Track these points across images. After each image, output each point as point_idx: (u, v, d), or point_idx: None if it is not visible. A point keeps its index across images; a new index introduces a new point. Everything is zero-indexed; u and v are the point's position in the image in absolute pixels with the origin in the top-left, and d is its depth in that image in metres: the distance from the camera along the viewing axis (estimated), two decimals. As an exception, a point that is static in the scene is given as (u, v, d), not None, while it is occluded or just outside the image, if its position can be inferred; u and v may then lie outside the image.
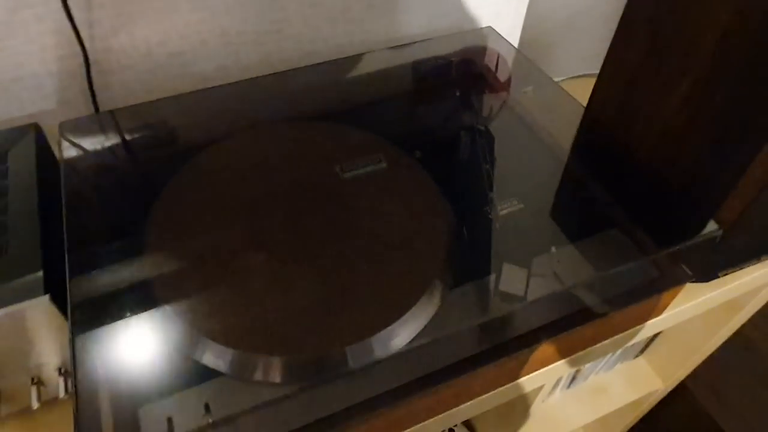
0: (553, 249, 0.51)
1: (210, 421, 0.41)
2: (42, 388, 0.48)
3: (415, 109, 0.67)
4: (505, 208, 0.57)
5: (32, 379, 0.48)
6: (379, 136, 0.61)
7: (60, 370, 0.49)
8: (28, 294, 0.43)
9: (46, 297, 0.43)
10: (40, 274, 0.45)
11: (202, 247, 0.50)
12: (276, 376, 0.44)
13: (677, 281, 0.53)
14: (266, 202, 0.54)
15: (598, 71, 0.59)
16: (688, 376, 0.93)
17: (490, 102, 0.64)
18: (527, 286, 0.45)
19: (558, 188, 0.59)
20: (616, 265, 0.52)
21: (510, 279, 0.46)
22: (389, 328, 0.45)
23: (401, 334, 0.46)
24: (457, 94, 0.63)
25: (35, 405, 0.47)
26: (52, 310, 0.44)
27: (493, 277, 0.50)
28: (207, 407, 0.43)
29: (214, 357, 0.44)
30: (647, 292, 0.53)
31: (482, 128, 0.58)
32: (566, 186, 0.60)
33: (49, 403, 0.50)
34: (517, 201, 0.58)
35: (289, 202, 0.54)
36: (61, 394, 0.48)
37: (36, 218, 0.49)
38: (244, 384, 0.44)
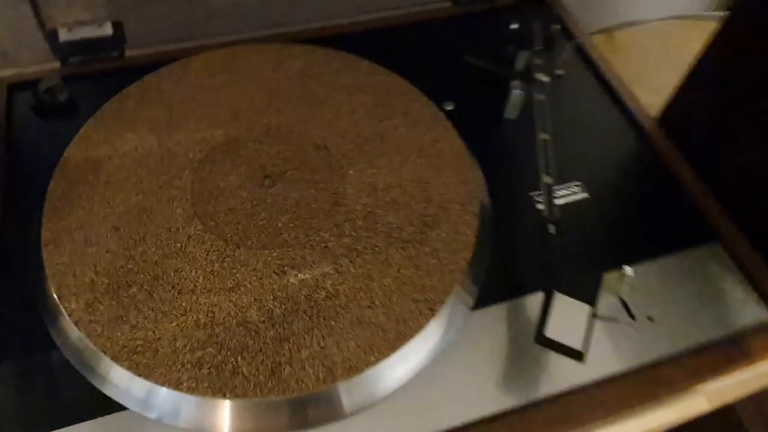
0: (627, 269, 0.35)
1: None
2: None
3: (449, 42, 0.49)
4: (562, 195, 0.40)
5: None
6: (394, 72, 0.44)
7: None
8: None
9: None
10: None
11: (119, 226, 0.35)
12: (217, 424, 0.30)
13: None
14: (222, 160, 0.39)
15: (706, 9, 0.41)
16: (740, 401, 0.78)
17: (557, 44, 0.46)
18: (587, 336, 0.30)
19: (638, 175, 0.43)
20: (718, 300, 0.36)
21: (560, 318, 0.30)
22: (377, 366, 0.31)
23: (395, 373, 0.31)
24: (513, 26, 0.45)
25: None
26: None
27: (533, 302, 0.35)
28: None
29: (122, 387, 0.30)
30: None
31: (545, 79, 0.41)
32: (651, 174, 0.43)
33: None
34: (581, 187, 0.41)
35: (256, 164, 0.39)
36: None
37: None
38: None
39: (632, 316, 0.35)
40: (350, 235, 0.35)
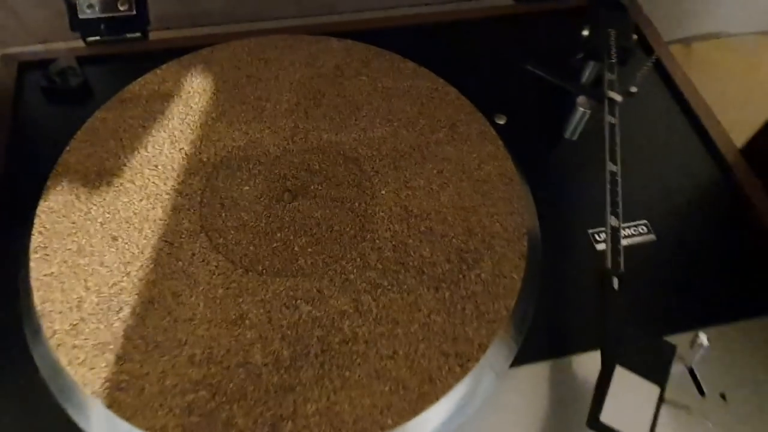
0: (702, 337, 0.29)
1: None
2: None
3: (508, 45, 0.44)
4: (626, 236, 0.34)
5: None
6: (442, 78, 0.38)
7: None
8: None
9: None
10: None
11: (117, 236, 0.31)
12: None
13: None
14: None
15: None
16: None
17: (634, 57, 0.40)
18: (653, 425, 0.24)
19: (716, 216, 0.36)
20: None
21: (621, 400, 0.24)
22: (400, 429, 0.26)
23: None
24: (584, 33, 0.39)
25: None
26: None
27: (585, 362, 0.29)
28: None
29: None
30: None
31: (617, 98, 0.35)
32: (731, 216, 0.37)
33: None
34: (648, 227, 0.35)
35: (277, 175, 0.34)
36: None
37: None
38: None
39: (701, 392, 0.30)
40: (376, 267, 0.30)
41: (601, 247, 0.34)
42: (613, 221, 0.31)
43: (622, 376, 0.25)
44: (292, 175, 0.34)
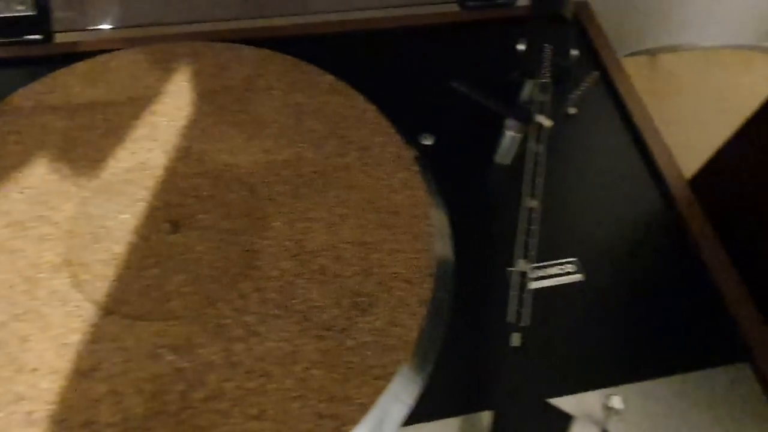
0: (615, 400, 0.26)
1: None
2: None
3: (446, 57, 0.40)
4: (551, 276, 0.31)
5: None
6: (364, 93, 0.35)
7: None
8: None
9: None
10: None
11: None
12: None
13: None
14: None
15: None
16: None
17: (575, 74, 0.36)
18: None
19: (655, 254, 0.33)
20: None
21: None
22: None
23: None
24: (520, 47, 0.35)
25: None
26: None
27: (485, 423, 0.26)
28: None
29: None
30: None
31: (546, 123, 0.32)
32: (671, 255, 0.33)
33: None
34: (576, 266, 0.32)
35: (161, 201, 0.31)
36: None
37: None
38: None
39: (616, 459, 0.26)
40: (256, 312, 0.27)
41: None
42: (522, 266, 0.27)
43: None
44: (178, 202, 0.30)
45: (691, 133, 0.44)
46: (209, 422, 0.24)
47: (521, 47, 0.36)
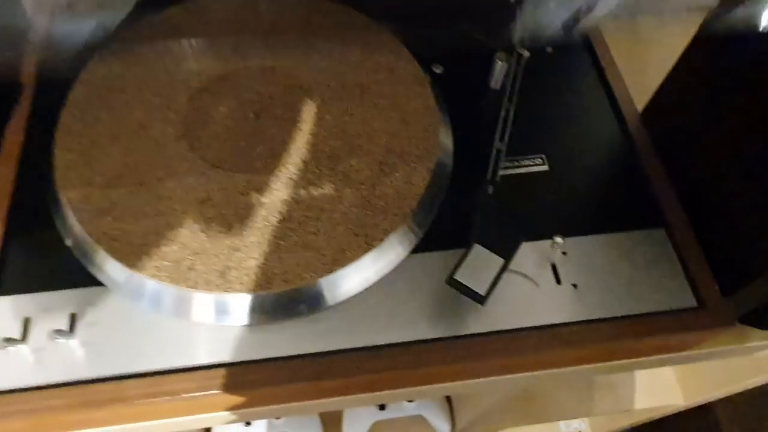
0: (558, 238, 0.38)
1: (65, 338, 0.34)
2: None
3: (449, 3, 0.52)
4: (524, 165, 0.43)
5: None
6: (385, 27, 0.47)
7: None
8: None
9: None
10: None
11: (119, 135, 0.41)
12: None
13: (719, 322, 0.39)
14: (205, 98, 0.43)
15: None
16: (719, 401, 0.79)
17: (554, 14, 0.48)
18: (493, 284, 0.33)
19: (606, 158, 0.45)
20: (646, 278, 0.39)
21: (473, 266, 0.33)
22: (309, 283, 0.35)
23: (328, 292, 0.36)
24: None
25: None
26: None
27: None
28: (73, 318, 0.36)
29: (111, 273, 0.36)
30: (672, 325, 0.39)
31: (524, 53, 0.43)
32: (618, 159, 0.45)
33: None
34: (543, 160, 0.44)
35: (247, 99, 0.43)
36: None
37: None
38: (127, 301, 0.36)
39: (558, 281, 0.38)
40: (313, 171, 0.40)
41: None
42: (498, 145, 0.39)
43: (478, 250, 0.34)
44: (258, 100, 0.43)
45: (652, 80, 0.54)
46: (282, 234, 0.37)
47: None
